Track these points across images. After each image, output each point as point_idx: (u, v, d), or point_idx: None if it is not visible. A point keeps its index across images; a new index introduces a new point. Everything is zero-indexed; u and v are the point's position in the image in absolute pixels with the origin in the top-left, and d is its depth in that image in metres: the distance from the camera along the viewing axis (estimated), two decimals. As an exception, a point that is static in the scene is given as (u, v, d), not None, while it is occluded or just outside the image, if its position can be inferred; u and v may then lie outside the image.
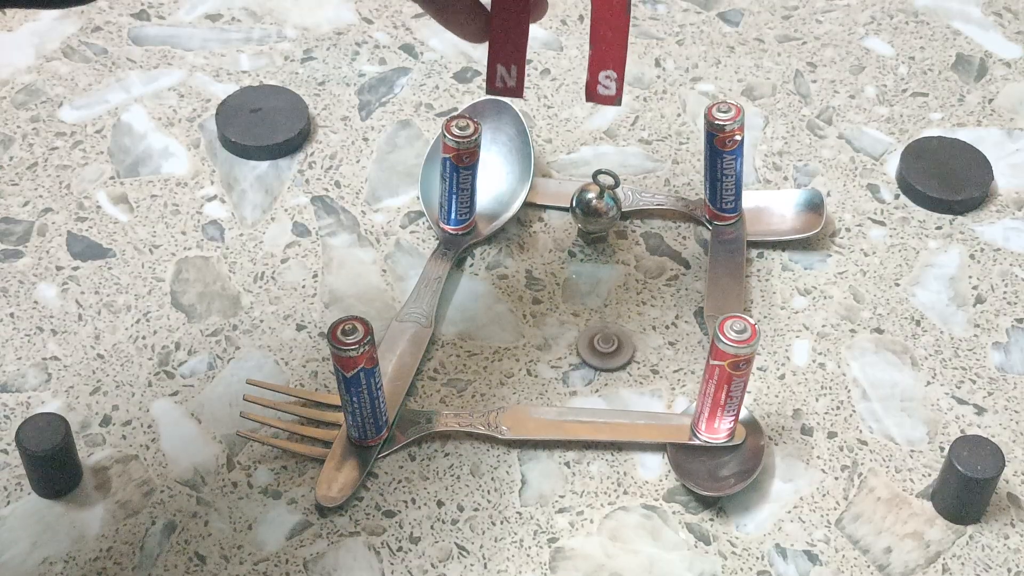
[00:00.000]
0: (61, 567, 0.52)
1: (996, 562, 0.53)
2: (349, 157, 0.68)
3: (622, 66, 0.52)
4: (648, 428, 0.56)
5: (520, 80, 0.53)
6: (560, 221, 0.65)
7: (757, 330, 0.52)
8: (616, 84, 0.52)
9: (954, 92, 0.72)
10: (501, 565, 0.52)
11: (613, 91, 0.52)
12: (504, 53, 0.52)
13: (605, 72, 0.52)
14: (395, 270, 0.63)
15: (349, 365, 0.52)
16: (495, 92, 0.53)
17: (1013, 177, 0.68)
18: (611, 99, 0.52)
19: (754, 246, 0.64)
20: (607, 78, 0.52)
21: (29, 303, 0.61)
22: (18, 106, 0.70)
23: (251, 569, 0.52)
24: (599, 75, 0.52)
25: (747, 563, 0.53)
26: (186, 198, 0.66)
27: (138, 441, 0.56)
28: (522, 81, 0.53)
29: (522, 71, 0.53)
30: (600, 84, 0.52)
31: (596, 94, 0.52)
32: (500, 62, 0.53)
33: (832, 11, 0.77)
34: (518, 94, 0.53)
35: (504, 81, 0.53)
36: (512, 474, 0.55)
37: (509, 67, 0.53)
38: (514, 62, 0.53)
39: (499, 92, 0.53)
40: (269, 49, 0.74)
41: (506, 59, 0.53)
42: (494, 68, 0.53)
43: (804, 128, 0.70)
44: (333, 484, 0.54)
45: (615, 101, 0.52)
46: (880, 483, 0.55)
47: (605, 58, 0.51)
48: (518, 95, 0.53)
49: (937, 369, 0.59)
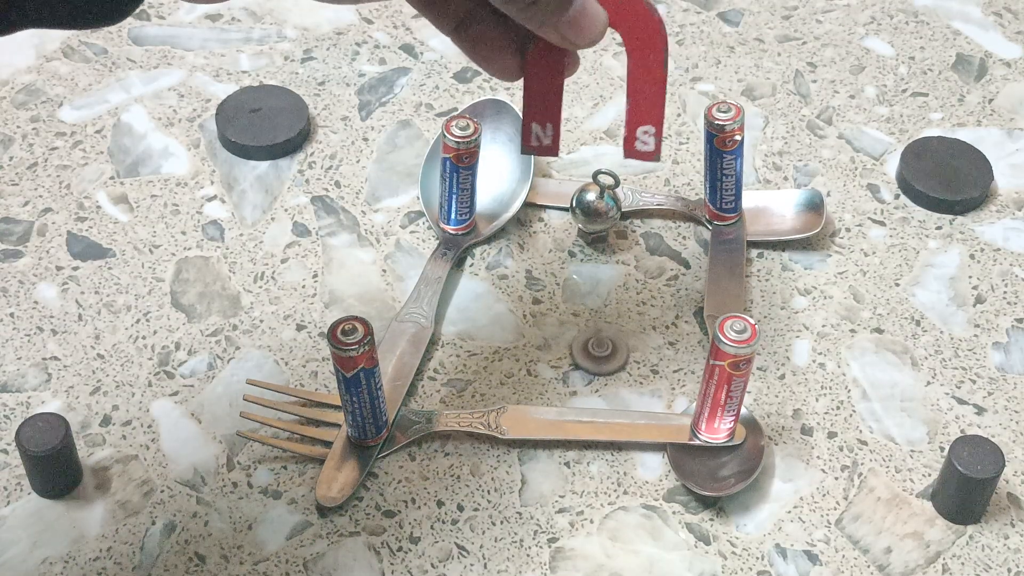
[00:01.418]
0: (61, 567, 0.52)
1: (996, 562, 0.53)
2: (349, 157, 0.68)
3: (660, 122, 0.52)
4: (648, 428, 0.56)
5: (556, 138, 0.53)
6: (560, 221, 0.65)
7: (757, 330, 0.52)
8: (655, 140, 0.52)
9: (954, 92, 0.72)
10: (501, 565, 0.53)
11: (652, 147, 0.52)
12: (539, 112, 0.52)
13: (643, 128, 0.52)
14: (395, 270, 0.63)
15: (349, 365, 0.52)
16: (530, 151, 0.53)
17: (1013, 177, 0.68)
18: (650, 155, 0.52)
19: (754, 246, 0.64)
20: (645, 133, 0.52)
21: (29, 303, 0.61)
22: (18, 106, 0.70)
23: (251, 569, 0.52)
24: (637, 131, 0.52)
25: (747, 563, 0.53)
26: (186, 198, 0.66)
27: (138, 441, 0.56)
28: (558, 139, 0.53)
29: (558, 129, 0.53)
30: (639, 140, 0.52)
31: (635, 150, 0.52)
32: (535, 120, 0.53)
33: (832, 11, 0.77)
34: (554, 153, 0.53)
35: (539, 139, 0.53)
36: (512, 474, 0.55)
37: (544, 125, 0.53)
38: (549, 120, 0.53)
39: (534, 151, 0.53)
40: (269, 49, 0.74)
41: (541, 118, 0.53)
42: (529, 127, 0.53)
43: (804, 128, 0.70)
44: (333, 484, 0.54)
45: (654, 157, 0.52)
46: (880, 483, 0.55)
47: (643, 114, 0.51)
48: (554, 154, 0.53)
49: (937, 369, 0.59)
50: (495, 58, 0.50)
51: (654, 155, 0.52)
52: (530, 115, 0.52)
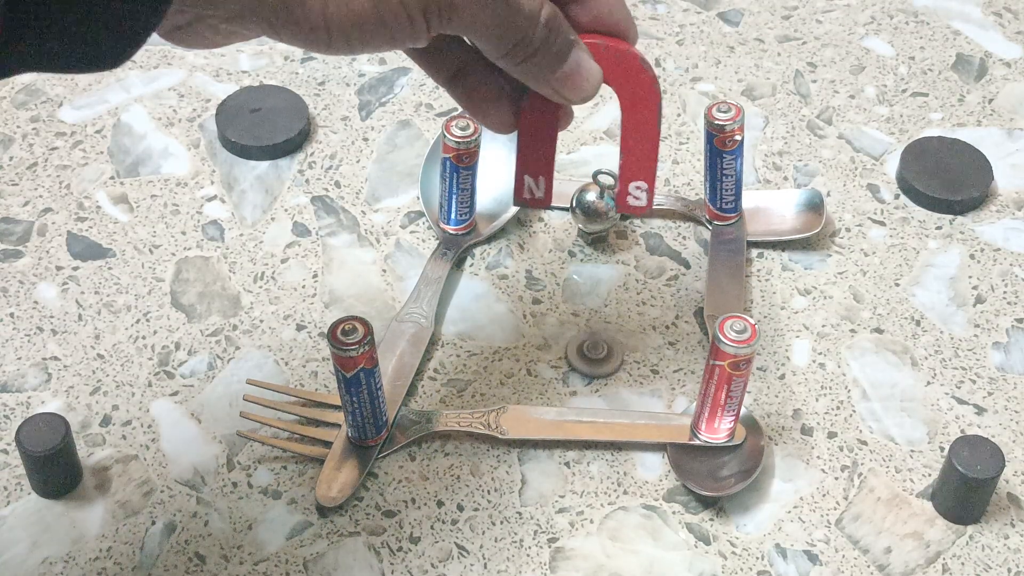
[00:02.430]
0: (61, 567, 0.52)
1: (996, 562, 0.53)
2: (349, 157, 0.68)
3: (652, 177, 0.52)
4: (648, 428, 0.56)
5: (548, 191, 0.53)
6: (560, 221, 0.65)
7: (757, 330, 0.52)
8: (647, 195, 0.53)
9: (954, 92, 0.72)
10: (501, 565, 0.52)
11: (644, 202, 0.53)
12: (533, 164, 0.53)
13: (636, 183, 0.52)
14: (395, 270, 0.63)
15: (349, 365, 0.52)
16: (523, 204, 0.54)
17: (1013, 177, 0.68)
18: (641, 209, 0.53)
19: (754, 246, 0.64)
20: (638, 188, 0.53)
21: (29, 303, 0.61)
22: (18, 106, 0.70)
23: (251, 569, 0.52)
24: (629, 186, 0.53)
25: (747, 563, 0.53)
26: (186, 198, 0.66)
27: (138, 441, 0.56)
28: (550, 192, 0.53)
29: (550, 182, 0.53)
30: (631, 195, 0.53)
31: (627, 205, 0.53)
32: (528, 173, 0.53)
33: (832, 11, 0.77)
34: (545, 205, 0.54)
35: (532, 192, 0.53)
36: (512, 474, 0.55)
37: (537, 179, 0.53)
38: (542, 173, 0.53)
39: (527, 203, 0.54)
40: (269, 49, 0.74)
41: (534, 171, 0.53)
42: (522, 180, 0.53)
43: (804, 128, 0.70)
44: (333, 484, 0.54)
45: (646, 212, 0.53)
46: (880, 483, 0.55)
47: (636, 170, 0.52)
48: (545, 206, 0.54)
49: (937, 369, 0.59)
50: (490, 110, 0.51)
51: (646, 209, 0.53)
52: (523, 167, 0.53)
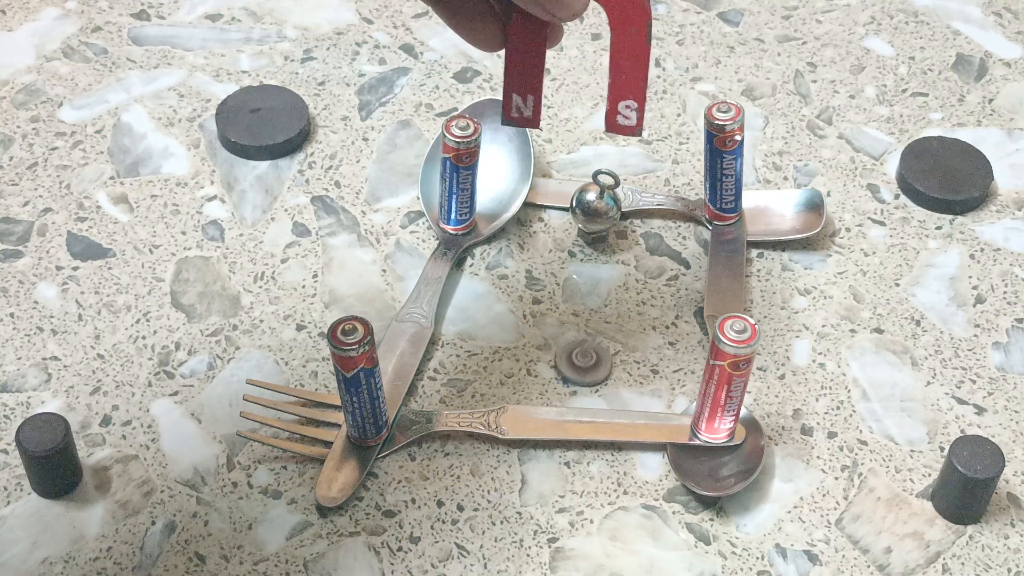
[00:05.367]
0: (61, 567, 0.52)
1: (996, 562, 0.53)
2: (349, 157, 0.68)
3: (643, 96, 0.51)
4: (648, 428, 0.56)
5: (537, 111, 0.52)
6: (560, 221, 0.65)
7: (757, 330, 0.52)
8: (636, 114, 0.51)
9: (954, 92, 0.72)
10: (501, 565, 0.53)
11: (634, 121, 0.51)
12: (520, 83, 0.52)
13: (625, 102, 0.51)
14: (395, 270, 0.63)
15: (349, 365, 0.52)
16: (511, 123, 0.53)
17: (1013, 177, 0.68)
18: (632, 129, 0.52)
19: (754, 246, 0.64)
20: (627, 107, 0.51)
21: (29, 303, 0.61)
22: (18, 106, 0.70)
23: (251, 569, 0.52)
24: (619, 105, 0.51)
25: (747, 563, 0.53)
26: (186, 198, 0.66)
27: (138, 441, 0.56)
28: (539, 111, 0.52)
29: (539, 101, 0.52)
30: (620, 114, 0.51)
31: (616, 124, 0.52)
32: (516, 92, 0.52)
33: (832, 11, 0.77)
34: (535, 124, 0.53)
35: (520, 111, 0.52)
36: (512, 474, 0.55)
37: (525, 97, 0.52)
38: (530, 92, 0.52)
39: (515, 122, 0.53)
40: (269, 49, 0.74)
41: (522, 89, 0.52)
42: (510, 98, 0.52)
43: (804, 128, 0.70)
44: (333, 484, 0.54)
45: (636, 132, 0.52)
46: (880, 483, 0.55)
47: (625, 88, 0.51)
48: (534, 126, 0.53)
49: (937, 369, 0.59)
50: (476, 27, 0.50)
51: (635, 129, 0.52)
52: (511, 86, 0.52)
